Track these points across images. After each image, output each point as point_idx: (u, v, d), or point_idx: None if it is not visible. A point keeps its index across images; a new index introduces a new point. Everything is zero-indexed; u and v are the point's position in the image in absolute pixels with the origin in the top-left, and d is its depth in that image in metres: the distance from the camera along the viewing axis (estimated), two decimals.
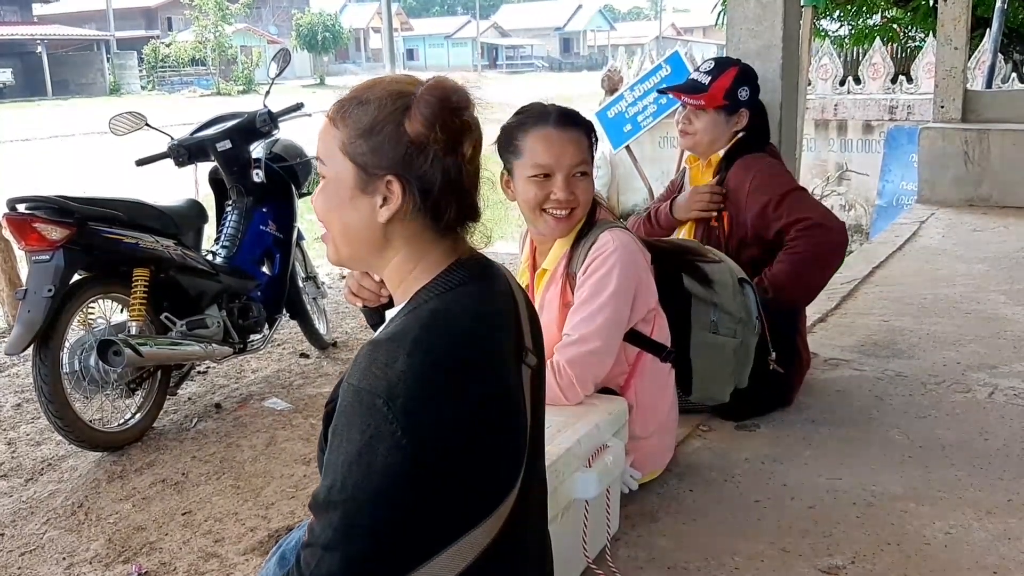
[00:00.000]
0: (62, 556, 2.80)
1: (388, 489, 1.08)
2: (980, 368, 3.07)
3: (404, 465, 1.08)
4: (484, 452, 1.16)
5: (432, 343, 1.13)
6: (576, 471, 1.72)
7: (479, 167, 1.22)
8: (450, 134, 1.16)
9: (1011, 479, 2.28)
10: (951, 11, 6.00)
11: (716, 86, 2.67)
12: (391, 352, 1.11)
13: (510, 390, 1.21)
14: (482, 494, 1.17)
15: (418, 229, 1.20)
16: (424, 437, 1.09)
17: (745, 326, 2.32)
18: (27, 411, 3.98)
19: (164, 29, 49.24)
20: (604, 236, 2.03)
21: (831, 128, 8.45)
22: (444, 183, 1.17)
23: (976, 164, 5.80)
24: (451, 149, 1.16)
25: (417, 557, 1.14)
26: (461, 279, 1.21)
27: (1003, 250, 4.73)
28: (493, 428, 1.17)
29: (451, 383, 1.12)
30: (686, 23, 78.75)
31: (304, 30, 49.59)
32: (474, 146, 1.19)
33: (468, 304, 1.19)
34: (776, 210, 2.58)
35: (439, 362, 1.12)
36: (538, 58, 69.66)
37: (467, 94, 1.19)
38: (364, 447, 1.08)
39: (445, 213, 1.19)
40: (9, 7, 44.08)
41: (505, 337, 1.23)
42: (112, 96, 36.46)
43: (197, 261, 3.79)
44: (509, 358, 1.22)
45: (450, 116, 1.16)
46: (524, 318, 1.29)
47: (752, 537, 2.04)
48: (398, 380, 1.09)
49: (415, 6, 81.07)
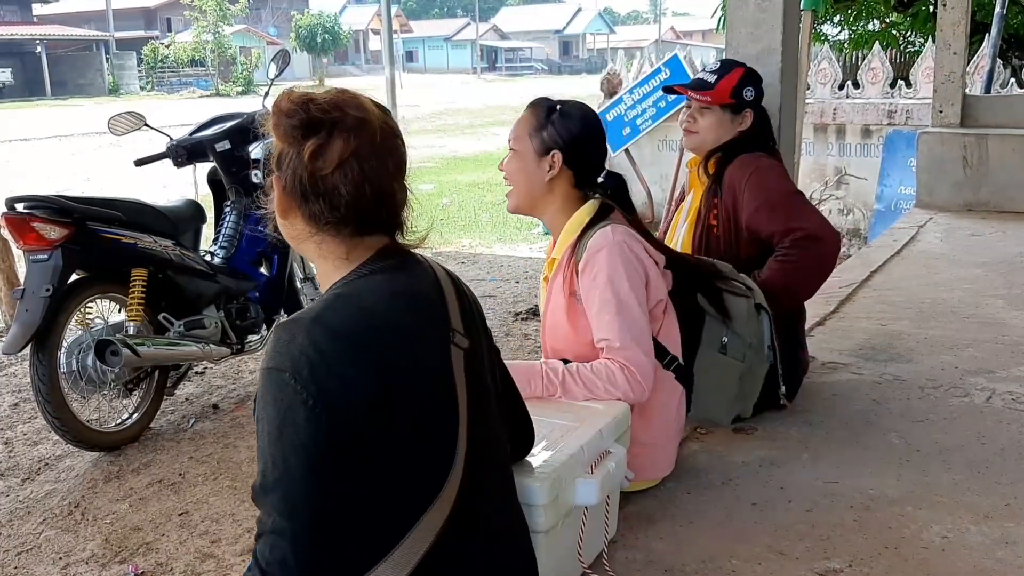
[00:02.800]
0: (58, 556, 2.80)
1: (315, 459, 1.14)
2: (978, 372, 3.07)
3: (322, 433, 1.14)
4: (403, 423, 1.21)
5: (330, 318, 1.21)
6: (578, 478, 1.71)
7: (355, 171, 1.26)
8: (287, 140, 1.26)
9: (1009, 483, 2.28)
10: (950, 16, 6.01)
11: (723, 84, 2.67)
12: (291, 330, 1.19)
13: (428, 366, 1.27)
14: (417, 472, 1.22)
15: (309, 229, 1.30)
16: (334, 402, 1.15)
17: (756, 353, 2.30)
18: (24, 411, 3.98)
19: (163, 30, 49.26)
20: (597, 235, 2.04)
21: (830, 132, 8.44)
22: (295, 183, 1.26)
23: (975, 169, 5.81)
24: (297, 152, 1.25)
25: (372, 537, 1.19)
26: (371, 271, 1.30)
27: (1001, 255, 4.73)
28: (407, 399, 1.22)
29: (352, 351, 1.19)
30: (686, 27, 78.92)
31: (303, 31, 49.68)
32: (315, 150, 1.24)
33: (373, 287, 1.28)
34: (771, 213, 2.58)
35: (338, 333, 1.19)
36: (537, 61, 69.72)
37: (302, 99, 1.27)
38: (282, 423, 1.15)
39: (317, 215, 1.27)
40: (8, 7, 44.07)
41: (422, 318, 1.30)
42: (111, 96, 36.45)
43: (195, 261, 3.79)
44: (429, 337, 1.29)
45: (284, 123, 1.26)
46: (451, 303, 1.35)
47: (749, 540, 2.04)
48: (300, 354, 1.16)
49: (415, 8, 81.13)
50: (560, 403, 1.96)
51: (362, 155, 1.25)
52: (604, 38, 74.64)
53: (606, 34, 75.63)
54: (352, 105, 1.28)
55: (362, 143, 1.25)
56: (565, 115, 2.10)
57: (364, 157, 1.26)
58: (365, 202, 1.27)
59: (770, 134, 2.80)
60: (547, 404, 1.95)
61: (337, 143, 1.24)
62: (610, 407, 1.94)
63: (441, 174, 12.97)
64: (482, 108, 26.28)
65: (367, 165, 1.26)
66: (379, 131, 1.28)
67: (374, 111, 1.30)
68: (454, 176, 12.61)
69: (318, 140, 1.24)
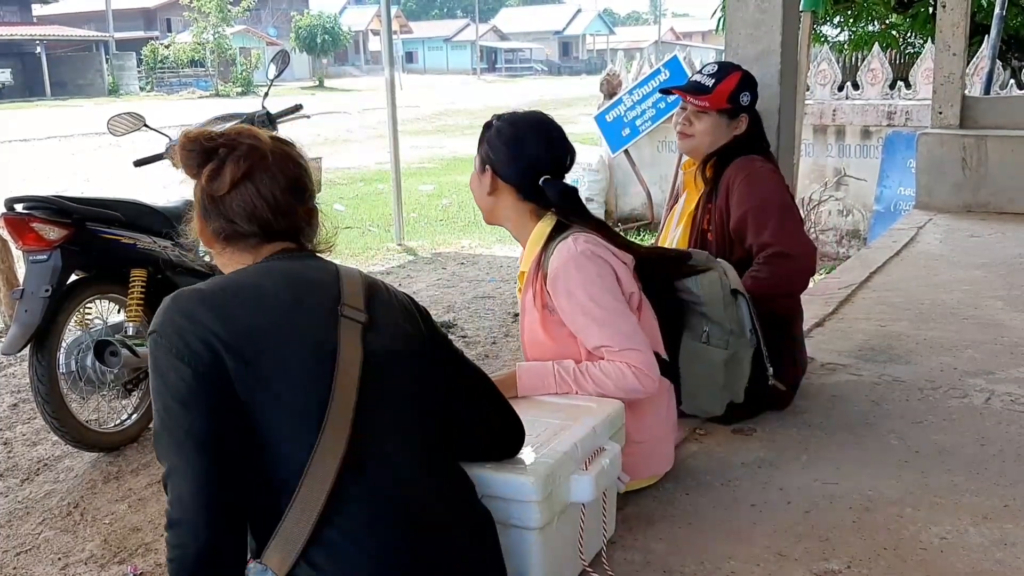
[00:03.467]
0: (57, 556, 2.80)
1: (186, 397, 1.28)
2: (977, 374, 3.07)
3: (188, 373, 1.28)
4: (271, 372, 1.31)
5: (202, 288, 1.39)
6: (572, 474, 1.71)
7: (249, 191, 1.45)
8: (190, 171, 1.50)
9: (1007, 484, 2.28)
10: (950, 17, 6.01)
11: (720, 89, 2.65)
12: (169, 299, 1.36)
13: (301, 326, 1.38)
14: (293, 420, 1.31)
15: (219, 245, 1.51)
16: (196, 349, 1.29)
17: (738, 338, 2.29)
18: (23, 411, 3.98)
19: (163, 30, 49.25)
20: (559, 249, 2.05)
21: (829, 133, 8.45)
22: (201, 205, 1.49)
23: (974, 170, 5.81)
24: (197, 178, 1.48)
25: (266, 479, 1.29)
26: (261, 263, 1.47)
27: (1000, 256, 4.74)
28: (275, 352, 1.33)
29: (216, 309, 1.33)
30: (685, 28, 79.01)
31: (303, 32, 49.62)
32: (210, 173, 1.45)
33: (254, 271, 1.45)
34: (754, 223, 2.58)
35: (204, 296, 1.36)
36: (537, 62, 69.72)
37: (198, 134, 1.48)
38: (159, 375, 1.31)
39: (219, 230, 1.48)
40: (8, 7, 44.05)
41: (302, 291, 1.42)
42: (111, 97, 36.44)
43: (194, 262, 3.79)
44: (308, 305, 1.41)
45: (184, 155, 1.49)
46: (349, 288, 1.46)
47: (748, 541, 2.04)
48: (167, 317, 1.33)
49: (415, 9, 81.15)
50: (553, 402, 1.97)
51: (255, 176, 1.44)
52: (604, 39, 74.64)
53: (606, 35, 75.66)
54: (245, 135, 1.47)
55: (254, 165, 1.44)
56: (497, 131, 2.13)
57: (257, 177, 1.44)
58: (262, 216, 1.45)
59: (763, 136, 2.80)
60: (541, 403, 1.96)
61: (229, 166, 1.44)
62: (604, 405, 1.94)
63: (441, 175, 12.97)
64: (482, 109, 26.24)
65: (260, 184, 1.44)
66: (270, 154, 1.46)
67: (266, 139, 1.48)
68: (454, 177, 12.60)
69: (212, 166, 1.45)
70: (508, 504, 1.59)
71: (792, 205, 2.73)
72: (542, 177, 2.09)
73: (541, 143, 2.11)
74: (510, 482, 1.59)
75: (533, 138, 2.11)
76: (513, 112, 2.18)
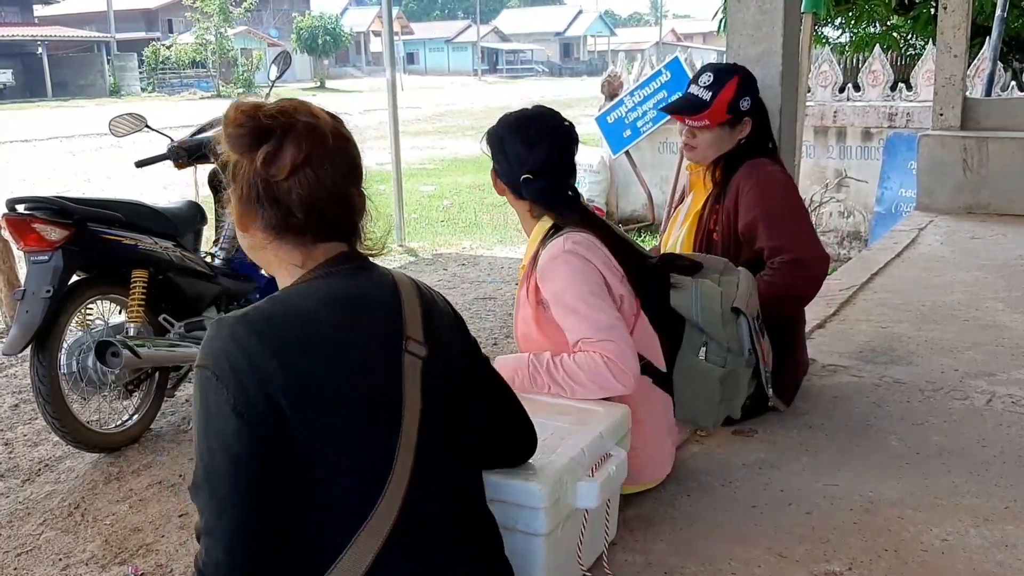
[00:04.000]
0: (58, 557, 2.80)
1: (239, 455, 1.14)
2: (978, 375, 3.07)
3: (244, 429, 1.14)
4: (331, 424, 1.19)
5: (256, 318, 1.21)
6: (579, 480, 1.70)
7: (309, 176, 1.26)
8: (239, 150, 1.28)
9: (1008, 486, 2.28)
10: (951, 19, 6.01)
11: (718, 101, 2.62)
12: (219, 328, 1.20)
13: (366, 370, 1.25)
14: (351, 475, 1.20)
15: (267, 238, 1.31)
16: (253, 400, 1.15)
17: (736, 356, 2.24)
18: (24, 412, 3.98)
19: (165, 31, 49.29)
20: (550, 246, 2.05)
21: (830, 134, 8.45)
22: (250, 192, 1.28)
23: (975, 172, 5.81)
24: (249, 161, 1.27)
25: (314, 541, 1.18)
26: (318, 275, 1.30)
27: (1001, 258, 4.74)
28: (336, 399, 1.20)
29: (272, 345, 1.18)
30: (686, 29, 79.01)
31: (304, 33, 49.65)
32: (267, 156, 1.25)
33: (311, 291, 1.28)
34: (765, 227, 2.56)
35: (262, 333, 1.19)
36: (538, 63, 69.76)
37: (251, 108, 1.28)
38: (208, 418, 1.16)
39: (273, 222, 1.29)
40: (10, 8, 44.13)
41: (365, 323, 1.28)
42: (112, 98, 36.46)
43: (196, 263, 3.79)
44: (373, 341, 1.28)
45: (234, 133, 1.28)
46: (409, 311, 1.33)
47: (749, 543, 2.04)
48: (221, 350, 1.18)
49: (416, 10, 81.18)
50: (560, 405, 1.95)
51: (315, 160, 1.27)
52: (605, 40, 74.65)
53: (607, 36, 75.65)
54: (302, 112, 1.29)
55: (314, 148, 1.27)
56: (493, 130, 2.14)
57: (317, 162, 1.27)
58: (321, 206, 1.28)
59: (769, 135, 2.79)
60: (547, 406, 1.95)
61: (289, 149, 1.26)
62: (610, 409, 1.93)
63: (442, 176, 12.97)
64: (483, 110, 26.25)
65: (321, 170, 1.27)
66: (330, 136, 1.29)
67: (324, 117, 1.31)
68: (455, 178, 12.60)
69: (269, 147, 1.26)
70: (514, 509, 1.58)
71: (804, 210, 2.72)
72: (523, 176, 2.08)
73: (521, 142, 2.09)
74: (518, 487, 1.58)
75: (513, 137, 2.10)
76: (509, 113, 2.17)
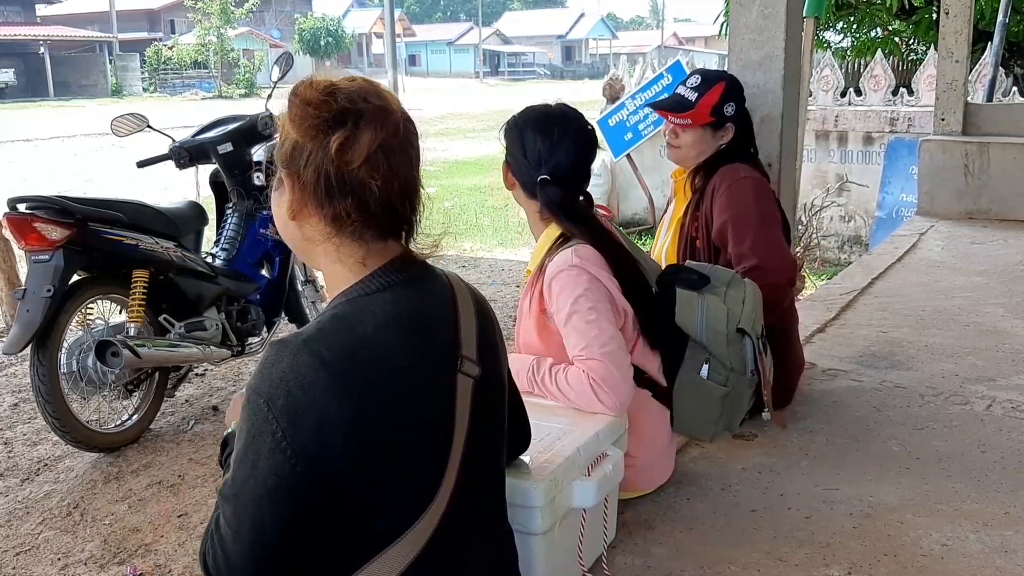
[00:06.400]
0: (57, 557, 2.80)
1: (271, 491, 1.08)
2: (978, 380, 3.07)
3: (286, 467, 1.08)
4: (382, 461, 1.13)
5: (321, 346, 1.11)
6: (575, 480, 1.71)
7: (383, 165, 1.16)
8: (309, 133, 1.15)
9: (1008, 491, 2.28)
10: (953, 24, 6.01)
11: (703, 103, 2.64)
12: (279, 352, 1.11)
13: (422, 402, 1.18)
14: (389, 508, 1.14)
15: (328, 231, 1.19)
16: (306, 441, 1.08)
17: (739, 376, 2.19)
18: (24, 411, 3.98)
19: (167, 31, 49.36)
20: (558, 257, 1.99)
21: (831, 139, 8.46)
22: (318, 180, 1.15)
23: (976, 177, 5.81)
24: (321, 146, 1.14)
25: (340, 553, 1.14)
26: (380, 285, 1.19)
27: (1002, 263, 4.74)
28: (394, 436, 1.14)
29: (335, 384, 1.09)
30: (688, 33, 79.08)
31: (307, 34, 49.74)
32: (343, 142, 1.14)
33: (378, 309, 1.17)
34: (732, 233, 2.55)
35: (324, 362, 1.10)
36: (540, 66, 69.83)
37: (327, 87, 1.16)
38: (249, 445, 1.09)
39: (342, 215, 1.17)
40: (12, 8, 44.17)
41: (424, 345, 1.20)
42: (114, 98, 36.49)
43: (196, 263, 3.80)
44: (430, 368, 1.20)
45: (309, 114, 1.14)
46: (465, 327, 1.26)
47: (748, 546, 2.04)
48: (280, 380, 1.09)
49: (418, 12, 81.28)
50: (557, 406, 1.95)
51: (388, 148, 1.16)
52: (607, 43, 74.69)
53: (608, 39, 75.70)
54: (374, 94, 1.18)
55: (387, 135, 1.16)
56: (513, 120, 2.07)
57: (390, 150, 1.17)
58: (394, 198, 1.18)
59: (752, 143, 2.79)
60: (544, 407, 1.95)
61: (365, 135, 1.14)
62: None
63: (443, 178, 12.98)
64: (484, 112, 26.29)
65: (393, 158, 1.17)
66: (402, 121, 1.19)
67: (395, 100, 1.21)
68: (456, 180, 12.62)
69: (345, 132, 1.14)
70: (511, 508, 1.58)
71: (773, 216, 2.65)
72: (540, 177, 2.00)
73: (543, 141, 2.00)
74: (513, 486, 1.58)
75: (534, 135, 2.01)
76: (524, 110, 2.08)
